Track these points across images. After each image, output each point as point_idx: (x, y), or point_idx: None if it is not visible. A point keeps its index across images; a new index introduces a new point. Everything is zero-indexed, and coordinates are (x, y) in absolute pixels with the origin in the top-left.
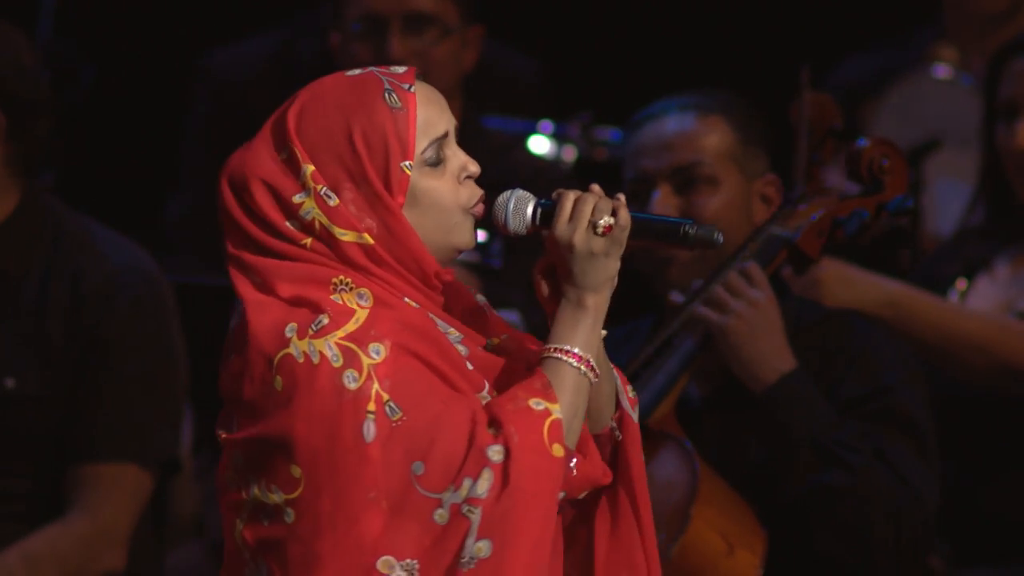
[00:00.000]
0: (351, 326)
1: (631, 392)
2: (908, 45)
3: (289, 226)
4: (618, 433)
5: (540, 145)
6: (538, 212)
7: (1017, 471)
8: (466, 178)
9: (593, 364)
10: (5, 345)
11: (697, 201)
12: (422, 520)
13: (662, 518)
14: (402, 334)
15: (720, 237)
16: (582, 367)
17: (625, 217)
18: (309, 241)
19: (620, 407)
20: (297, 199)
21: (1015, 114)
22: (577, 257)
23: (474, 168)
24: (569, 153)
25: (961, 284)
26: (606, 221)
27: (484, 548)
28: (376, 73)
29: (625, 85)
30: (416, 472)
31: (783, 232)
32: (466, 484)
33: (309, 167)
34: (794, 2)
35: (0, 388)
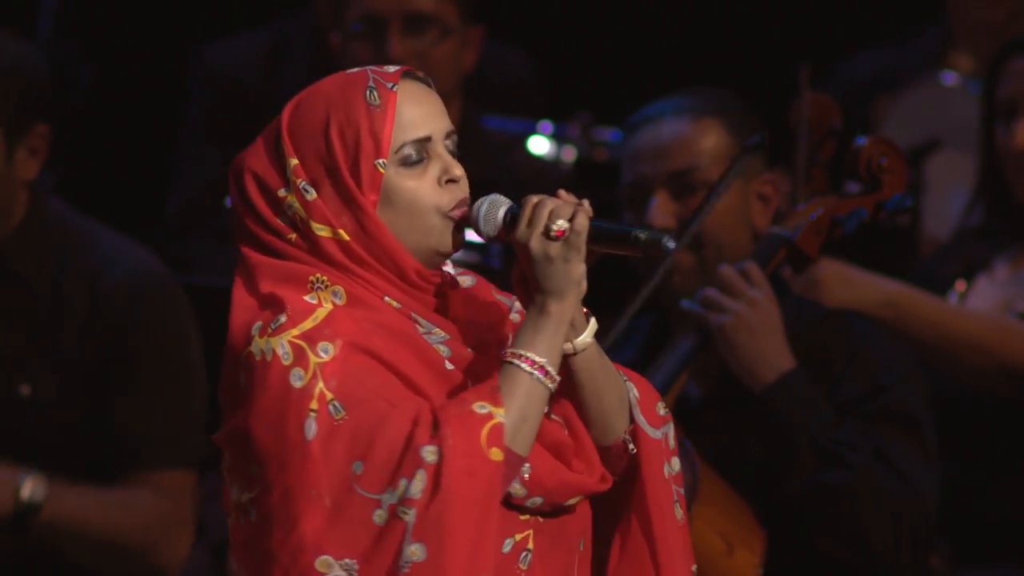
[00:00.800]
0: (307, 324)
1: (661, 409)
2: (916, 45)
3: (279, 221)
4: (632, 447)
5: (540, 146)
6: (508, 217)
7: (1017, 471)
8: (448, 182)
9: (549, 369)
10: (20, 352)
11: (695, 205)
12: (361, 520)
13: None
14: (362, 333)
15: (670, 243)
16: (535, 372)
17: (581, 222)
18: (293, 236)
19: (634, 421)
20: (282, 193)
21: (1014, 114)
22: (536, 261)
23: (458, 172)
24: (569, 154)
25: (960, 286)
26: (559, 225)
27: (418, 552)
28: (368, 71)
29: (624, 85)
30: (356, 472)
31: (782, 231)
32: (402, 485)
33: (293, 161)
34: (794, 2)
35: (15, 395)
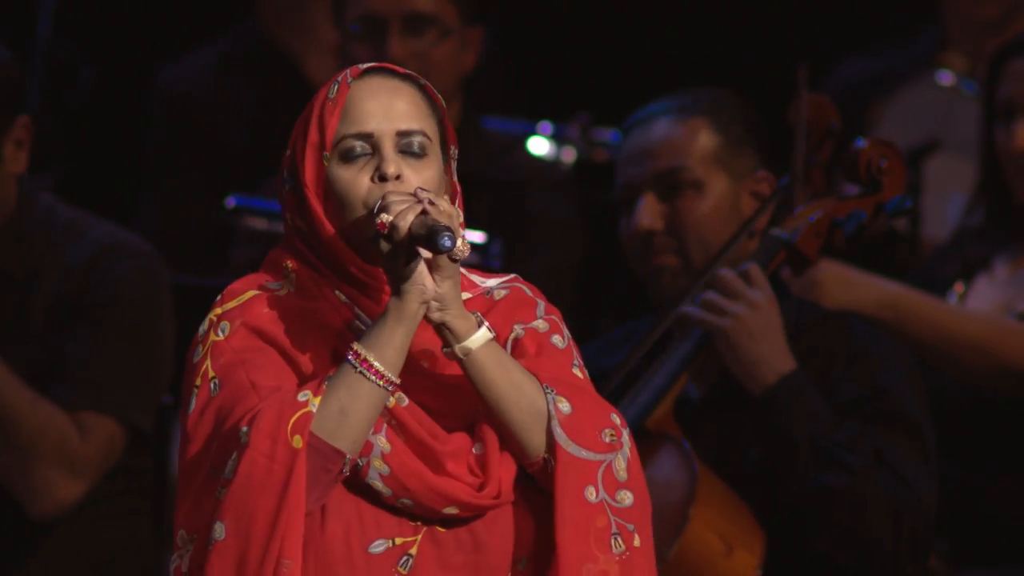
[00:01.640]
0: (230, 304)
1: (608, 437)
2: (911, 46)
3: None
4: (552, 463)
5: (539, 146)
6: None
7: (1016, 472)
8: (380, 178)
9: (377, 366)
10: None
11: (683, 206)
12: (208, 496)
13: (660, 518)
14: (270, 318)
15: (447, 242)
16: (358, 366)
17: (406, 219)
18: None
19: (549, 428)
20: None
21: (1013, 115)
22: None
23: (389, 169)
24: (568, 154)
25: (959, 287)
26: (381, 219)
27: (219, 530)
28: (349, 68)
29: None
30: (211, 449)
31: (781, 233)
32: (230, 464)
33: (287, 152)
34: (793, 2)
35: None
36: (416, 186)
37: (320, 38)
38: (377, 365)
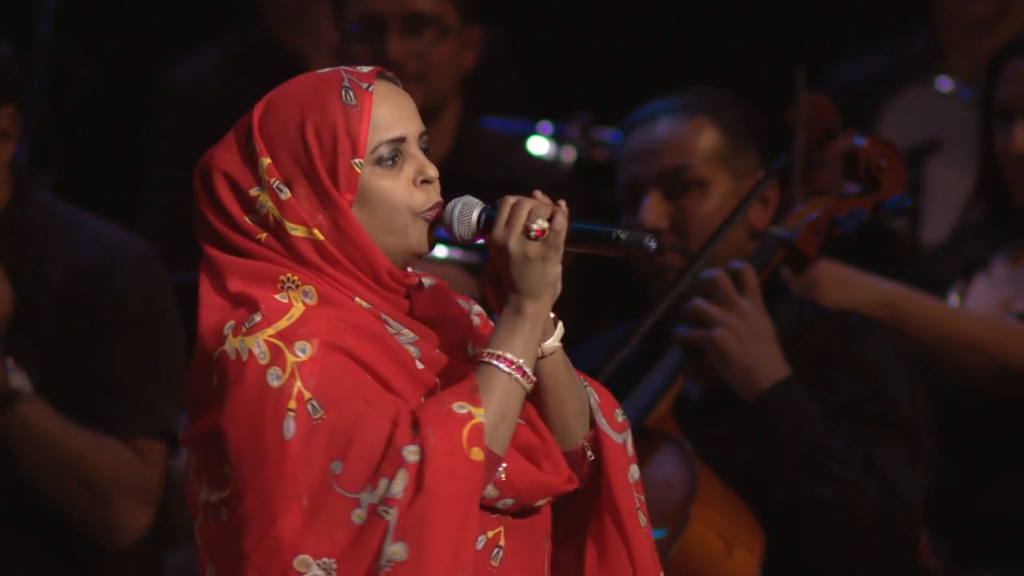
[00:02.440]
0: (282, 323)
1: (620, 416)
2: (906, 47)
3: (248, 220)
4: (590, 453)
5: (539, 146)
6: (482, 218)
7: (1015, 472)
8: (423, 182)
9: (527, 370)
10: (22, 347)
11: (687, 205)
12: (339, 519)
13: (660, 518)
14: (337, 332)
15: (651, 243)
16: (513, 372)
17: (560, 222)
18: (264, 236)
19: (596, 426)
20: (253, 192)
21: (1012, 117)
22: (513, 261)
23: (432, 173)
24: (568, 154)
25: (958, 288)
26: (539, 225)
27: (400, 551)
28: (341, 71)
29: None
30: (335, 471)
31: (780, 232)
32: (383, 484)
33: (266, 160)
34: (792, 3)
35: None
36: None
37: (323, 39)
38: (528, 370)
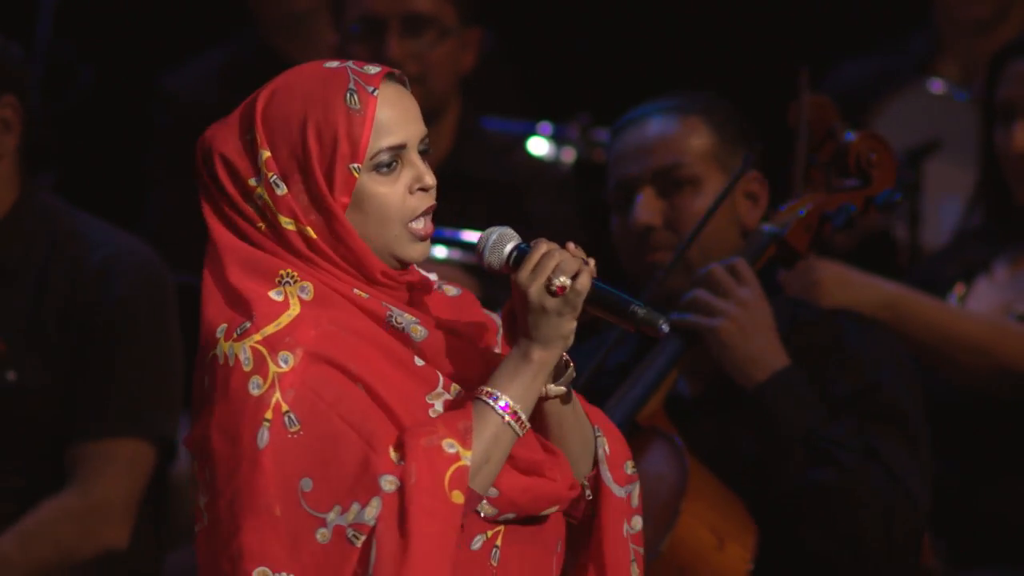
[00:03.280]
0: (270, 329)
1: (629, 468)
2: (906, 47)
3: (248, 207)
4: (589, 493)
5: (539, 147)
6: (513, 255)
7: (1016, 471)
8: (419, 190)
9: (522, 416)
10: (5, 339)
11: (680, 203)
12: (303, 537)
13: (651, 513)
14: (324, 340)
15: (665, 326)
16: (507, 416)
17: (583, 283)
18: (262, 225)
19: (596, 467)
20: (252, 183)
21: (1012, 116)
22: (531, 309)
23: (429, 181)
24: (568, 155)
25: (960, 288)
26: (561, 282)
27: None
28: (348, 69)
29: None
30: (304, 488)
31: (771, 227)
32: (354, 508)
33: (265, 153)
34: (793, 3)
35: (2, 381)
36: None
37: (320, 48)
38: (523, 416)
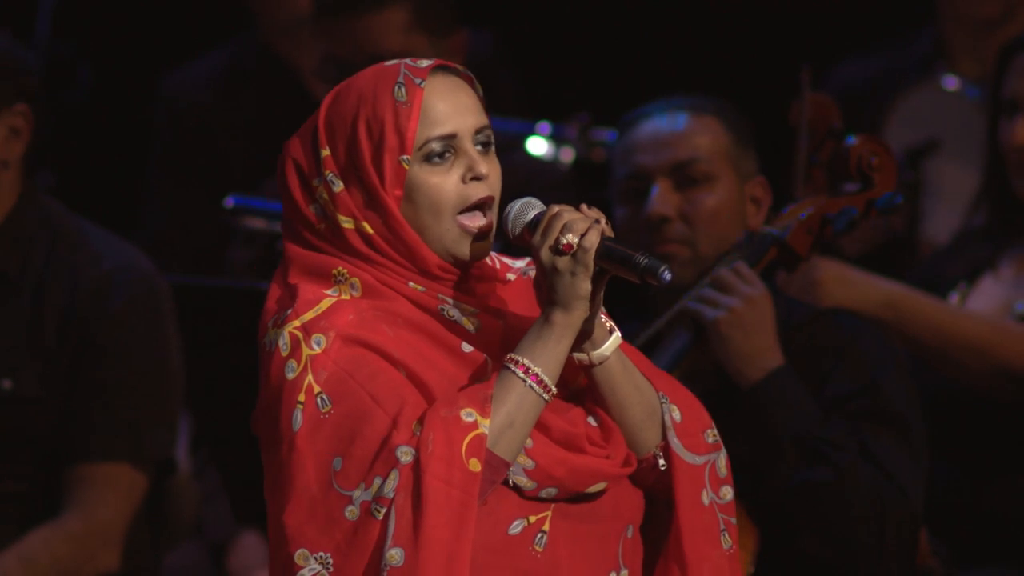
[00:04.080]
0: (308, 315)
1: (711, 437)
2: (910, 46)
3: (310, 210)
4: (662, 462)
5: (538, 146)
6: (532, 221)
7: (1016, 472)
8: (472, 179)
9: (544, 378)
10: (2, 347)
11: (696, 197)
12: (335, 515)
13: None
14: (360, 324)
15: (667, 274)
16: (529, 380)
17: (591, 240)
18: (323, 227)
19: (665, 439)
20: (315, 183)
21: (1016, 110)
22: (545, 272)
23: (483, 170)
24: (567, 154)
25: (963, 288)
26: (567, 240)
27: (397, 556)
28: (400, 65)
29: (623, 87)
30: (335, 468)
31: (772, 230)
32: (376, 483)
33: (324, 152)
34: (794, 2)
35: None
36: (494, 180)
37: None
38: (545, 379)
